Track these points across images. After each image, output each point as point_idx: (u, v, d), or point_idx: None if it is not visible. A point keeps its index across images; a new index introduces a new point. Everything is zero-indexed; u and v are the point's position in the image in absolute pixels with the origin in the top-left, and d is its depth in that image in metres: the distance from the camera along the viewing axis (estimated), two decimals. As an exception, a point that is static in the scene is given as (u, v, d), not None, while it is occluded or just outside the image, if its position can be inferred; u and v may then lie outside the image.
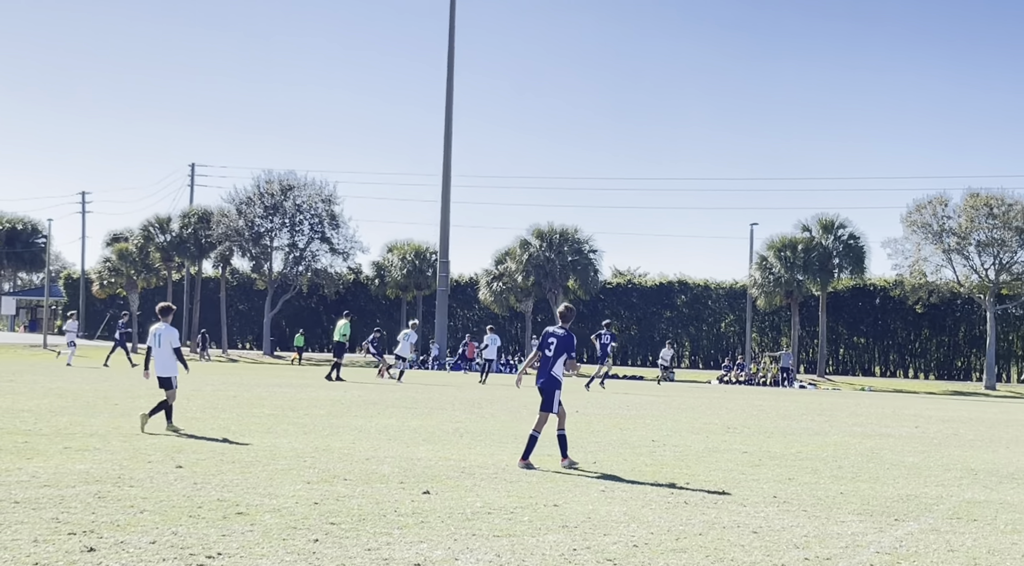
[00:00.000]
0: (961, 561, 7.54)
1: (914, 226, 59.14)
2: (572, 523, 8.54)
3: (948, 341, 68.64)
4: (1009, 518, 9.52)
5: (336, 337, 34.93)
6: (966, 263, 58.67)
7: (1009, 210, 56.74)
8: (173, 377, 14.95)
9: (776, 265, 62.28)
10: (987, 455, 15.69)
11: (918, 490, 11.28)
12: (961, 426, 22.52)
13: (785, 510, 9.57)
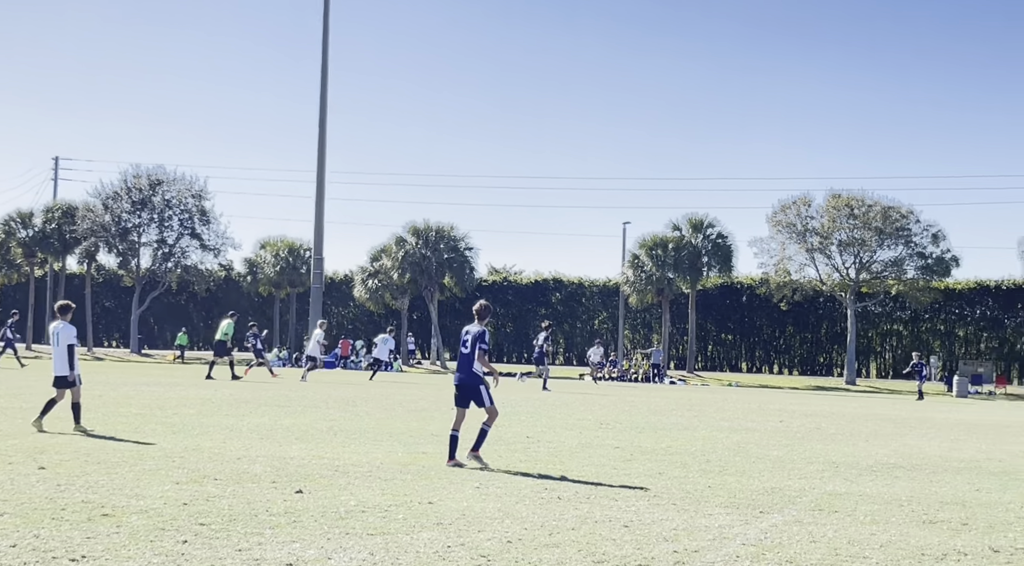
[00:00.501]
0: (822, 551, 7.79)
1: (779, 226, 60.81)
2: (447, 520, 8.56)
3: (811, 338, 70.75)
4: (868, 509, 9.87)
5: (218, 336, 34.38)
6: (828, 262, 60.58)
7: (869, 211, 58.79)
8: (68, 375, 14.51)
9: (648, 263, 63.33)
10: (847, 448, 16.23)
11: (782, 483, 11.61)
12: (823, 420, 23.25)
13: (655, 504, 9.75)
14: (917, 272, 60.15)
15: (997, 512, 9.92)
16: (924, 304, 62.58)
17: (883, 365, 70.44)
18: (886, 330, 70.48)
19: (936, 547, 8.06)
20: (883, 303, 67.13)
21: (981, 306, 68.54)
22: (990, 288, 68.01)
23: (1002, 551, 7.99)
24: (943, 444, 17.73)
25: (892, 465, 13.86)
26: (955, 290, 67.68)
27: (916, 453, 15.78)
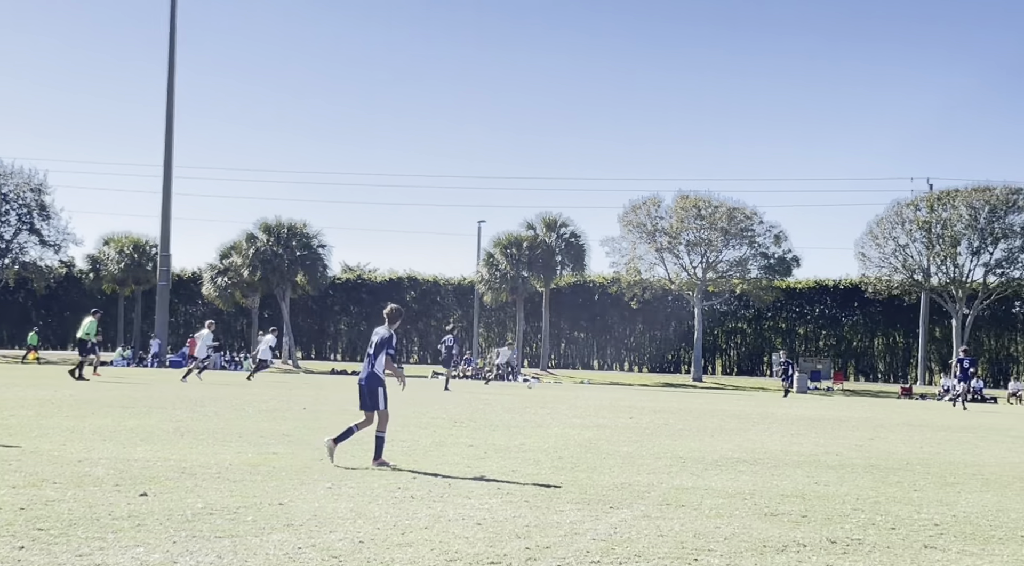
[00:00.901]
0: (670, 545, 7.96)
1: (630, 226, 61.97)
2: (297, 521, 8.43)
3: (660, 335, 72.31)
4: (713, 503, 10.12)
5: (80, 334, 33.23)
6: (677, 261, 62.04)
7: (715, 212, 60.39)
8: None
9: (503, 262, 63.71)
10: (694, 444, 16.62)
11: (632, 478, 11.81)
12: (671, 417, 23.77)
13: (508, 501, 9.80)
14: (760, 272, 62.08)
15: (834, 504, 10.30)
16: (767, 303, 64.64)
17: (728, 362, 72.48)
18: (731, 328, 72.56)
19: (777, 539, 8.32)
20: (728, 302, 69.09)
21: (820, 305, 71.22)
22: (829, 288, 70.71)
23: (839, 542, 8.29)
24: (784, 439, 18.32)
25: (736, 460, 14.25)
26: (796, 289, 70.14)
27: (758, 448, 16.26)
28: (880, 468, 13.81)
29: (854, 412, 30.23)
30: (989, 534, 8.88)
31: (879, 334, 69.85)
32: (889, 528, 9.01)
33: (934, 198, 59.31)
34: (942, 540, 8.52)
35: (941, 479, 12.80)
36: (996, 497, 11.28)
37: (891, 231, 59.80)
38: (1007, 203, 57.22)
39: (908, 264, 59.51)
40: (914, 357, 66.63)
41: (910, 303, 64.32)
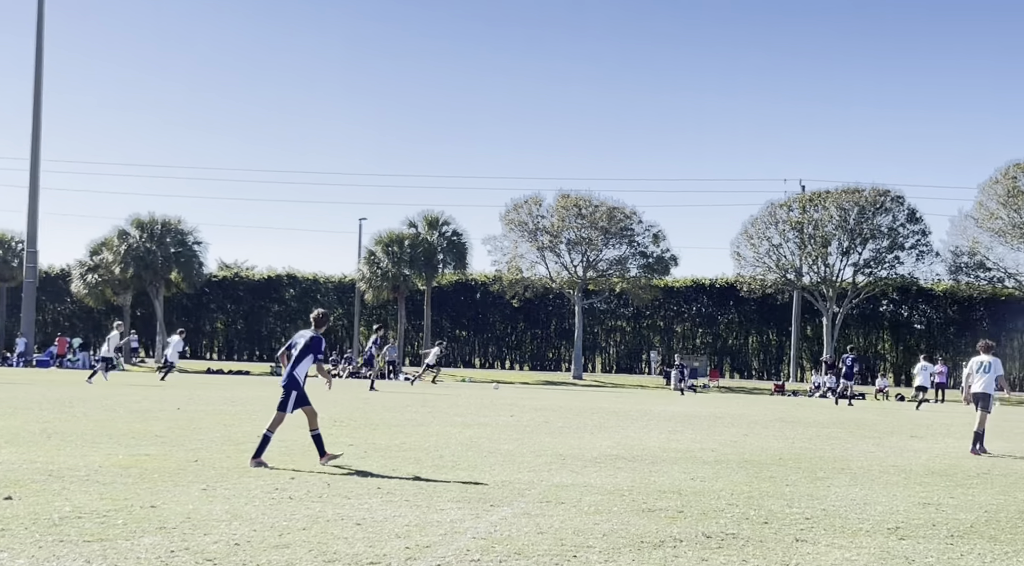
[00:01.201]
0: (549, 542, 8.00)
1: (512, 224, 62.20)
2: (170, 524, 8.23)
3: (541, 333, 72.78)
4: (592, 500, 10.22)
5: None
6: (558, 260, 62.47)
7: (596, 211, 61.01)
8: None
9: (384, 260, 63.34)
10: (574, 441, 16.76)
11: (512, 476, 11.85)
12: (551, 414, 23.93)
13: (388, 501, 9.73)
14: (639, 270, 62.92)
15: (710, 500, 10.49)
16: (646, 301, 65.53)
17: (608, 360, 73.33)
18: (611, 326, 73.40)
19: (654, 534, 8.44)
20: (608, 300, 69.91)
21: (697, 303, 72.52)
22: (705, 286, 72.06)
23: (714, 537, 8.45)
24: (661, 435, 18.60)
25: (615, 457, 14.41)
26: (674, 288, 71.29)
27: (637, 444, 16.48)
28: (754, 464, 14.12)
29: (729, 409, 30.87)
30: (857, 527, 9.14)
31: (753, 332, 71.47)
32: (762, 522, 9.22)
33: (806, 199, 60.90)
34: (812, 533, 8.75)
35: (812, 474, 13.15)
36: (863, 491, 11.62)
37: (765, 231, 61.21)
38: (875, 204, 59.09)
39: (781, 263, 61.00)
40: (787, 355, 68.35)
41: (783, 302, 65.96)
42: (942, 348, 65.20)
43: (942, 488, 12.10)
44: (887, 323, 69.75)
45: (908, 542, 8.49)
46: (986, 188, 57.60)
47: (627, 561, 7.43)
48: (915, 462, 15.21)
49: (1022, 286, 58.31)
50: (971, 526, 9.39)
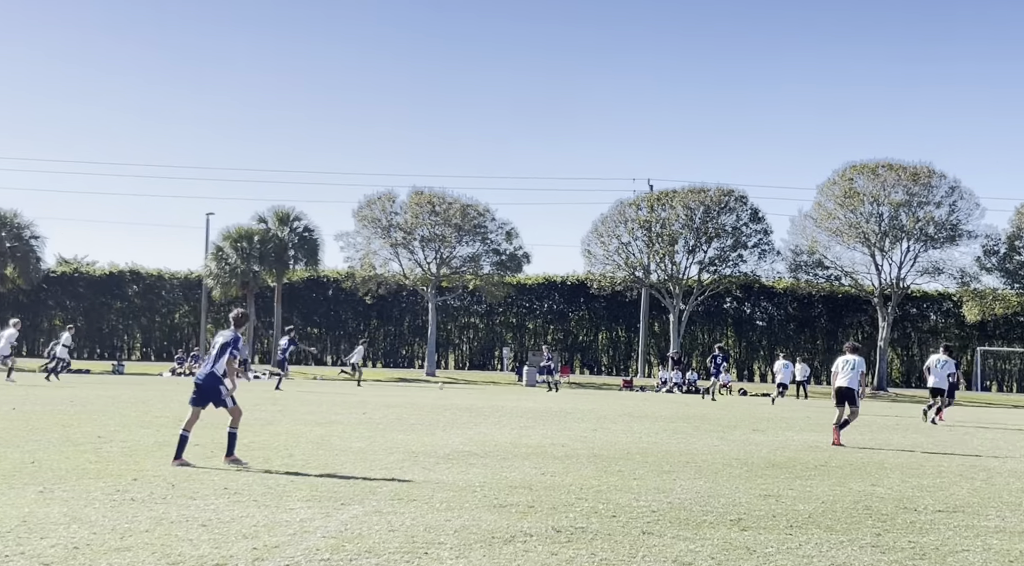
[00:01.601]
0: (400, 540, 7.97)
1: (365, 221, 61.78)
2: (5, 528, 7.91)
3: (395, 331, 72.50)
4: (444, 496, 10.22)
5: None
6: (411, 257, 62.30)
7: (449, 208, 61.07)
8: None
9: (232, 255, 62.09)
10: (426, 438, 16.75)
11: (364, 474, 11.77)
12: (404, 411, 23.85)
13: (236, 501, 9.55)
14: (492, 268, 63.25)
15: (560, 494, 10.62)
16: (498, 298, 65.93)
17: (461, 356, 73.54)
18: (464, 323, 73.62)
19: (505, 530, 8.49)
20: (461, 297, 70.09)
21: (549, 300, 73.34)
22: (557, 283, 72.93)
23: (563, 531, 8.55)
24: (513, 431, 18.73)
25: (467, 453, 14.45)
26: (526, 285, 71.92)
27: (489, 440, 16.56)
28: (603, 458, 14.35)
29: (579, 404, 31.29)
30: (701, 519, 9.38)
31: (603, 328, 72.62)
32: (610, 516, 9.37)
33: (654, 198, 62.17)
34: (659, 526, 8.94)
35: (658, 468, 13.43)
36: (708, 483, 11.94)
37: (614, 229, 62.27)
38: (720, 204, 60.74)
39: (630, 261, 62.14)
40: (635, 351, 69.67)
41: (632, 299, 67.21)
42: (783, 344, 67.45)
43: (782, 480, 12.52)
44: (730, 320, 71.78)
45: (749, 533, 8.75)
46: (824, 189, 59.83)
47: (478, 557, 7.46)
48: (757, 455, 15.69)
49: (858, 284, 60.73)
50: (809, 516, 9.74)
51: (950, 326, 68.79)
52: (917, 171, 57.45)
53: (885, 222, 57.59)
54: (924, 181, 57.21)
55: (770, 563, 7.57)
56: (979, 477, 13.57)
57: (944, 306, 68.97)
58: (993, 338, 68.37)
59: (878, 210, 57.72)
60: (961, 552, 8.16)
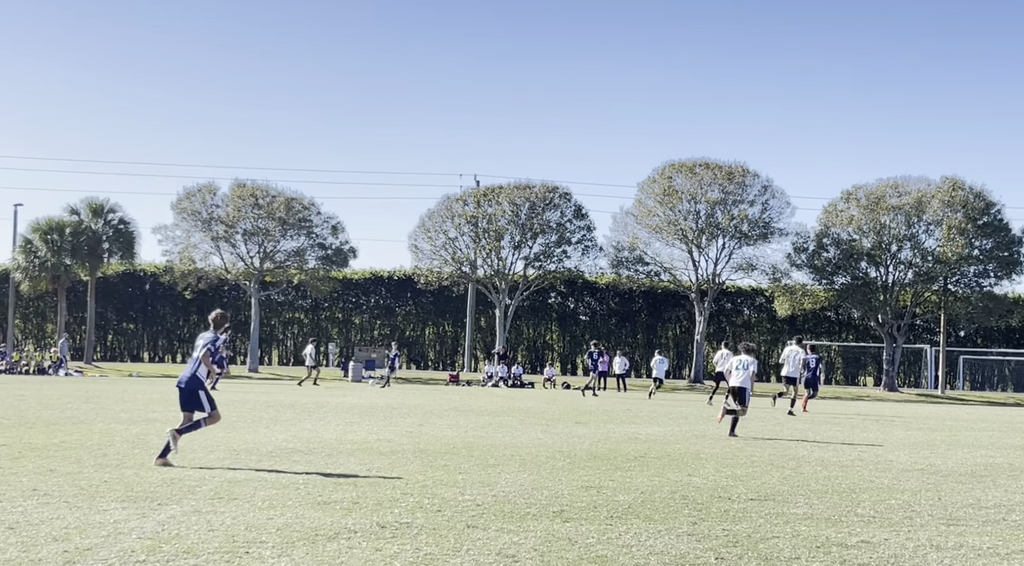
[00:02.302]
0: (220, 539, 7.80)
1: (184, 213, 60.14)
2: None
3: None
4: (266, 494, 10.05)
5: None
6: (233, 251, 61.00)
7: (273, 201, 60.04)
8: None
9: (42, 248, 59.54)
10: (248, 435, 16.44)
11: (182, 473, 11.47)
12: (226, 408, 23.18)
13: (45, 503, 9.17)
14: (318, 262, 62.52)
15: (385, 490, 10.58)
16: (324, 293, 65.23)
17: (285, 352, 72.43)
18: (288, 318, 72.54)
19: (329, 527, 8.41)
20: (286, 292, 69.00)
21: (376, 295, 72.99)
22: (384, 278, 72.63)
23: (388, 526, 8.52)
24: (338, 427, 18.57)
25: (291, 450, 14.25)
26: (352, 280, 71.38)
27: (313, 437, 16.37)
28: (429, 453, 14.37)
29: (406, 400, 31.24)
30: (525, 511, 9.50)
31: (430, 323, 72.69)
32: (435, 510, 9.39)
33: (480, 194, 62.57)
34: (483, 519, 9.01)
35: (484, 461, 13.53)
36: (532, 476, 12.09)
37: (441, 224, 62.40)
38: (545, 200, 61.58)
39: (457, 256, 62.38)
40: (461, 345, 69.99)
41: (459, 294, 67.50)
42: (604, 338, 68.85)
43: (603, 472, 12.78)
44: (555, 314, 72.87)
45: (571, 524, 8.91)
46: (645, 187, 61.40)
47: (301, 555, 7.37)
48: (579, 448, 15.98)
49: (676, 279, 62.53)
50: (629, 507, 9.98)
51: (763, 320, 71.61)
52: (732, 170, 59.55)
53: (702, 219, 59.46)
54: (739, 180, 59.34)
55: (591, 553, 7.72)
56: (789, 466, 14.16)
57: (757, 301, 71.72)
58: (802, 332, 71.40)
59: (695, 208, 59.56)
60: (771, 539, 8.50)
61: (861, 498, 11.08)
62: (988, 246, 58.09)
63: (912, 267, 58.72)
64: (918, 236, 58.49)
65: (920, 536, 8.81)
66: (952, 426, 26.30)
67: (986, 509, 10.58)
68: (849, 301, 60.66)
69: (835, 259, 59.96)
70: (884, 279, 59.56)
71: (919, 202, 57.79)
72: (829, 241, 60.37)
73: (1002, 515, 10.20)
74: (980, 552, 8.20)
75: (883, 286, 59.38)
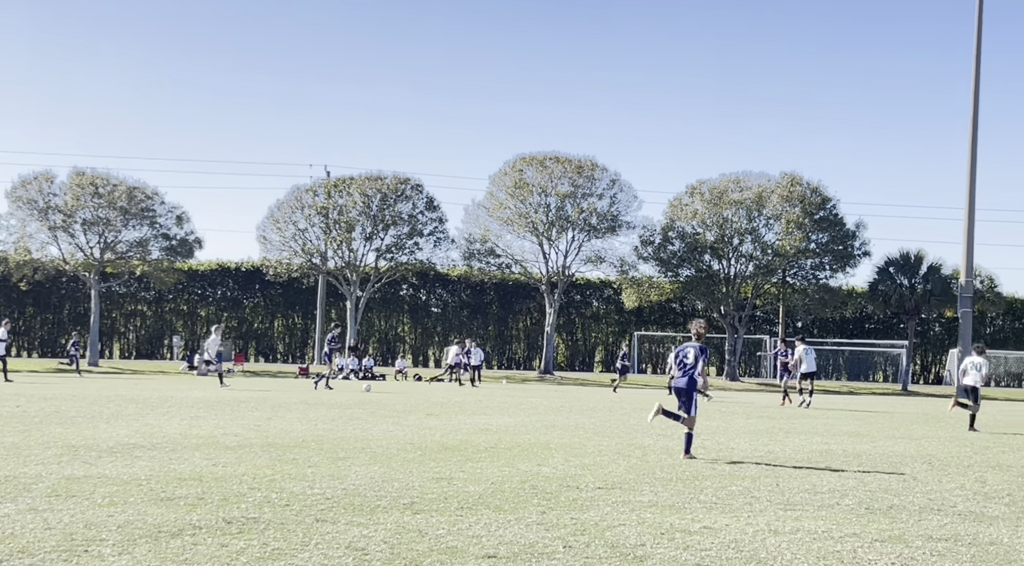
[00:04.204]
0: (58, 538, 7.54)
1: (19, 202, 57.86)
2: None
3: (53, 319, 68.38)
4: (107, 491, 9.75)
5: None
6: (72, 241, 58.96)
7: (114, 190, 58.26)
8: None
9: None
10: (88, 431, 15.91)
11: (17, 470, 11.03)
12: (63, 403, 22.52)
13: None
14: (162, 253, 60.97)
15: (231, 485, 10.39)
16: (168, 285, 63.66)
17: (127, 345, 70.38)
18: (131, 310, 70.53)
19: (173, 523, 8.22)
20: (128, 283, 67.06)
21: (223, 287, 71.56)
22: (231, 270, 71.30)
23: (234, 522, 8.38)
24: (183, 422, 18.14)
25: (133, 445, 13.86)
26: (198, 271, 69.84)
27: (157, 432, 15.96)
28: (277, 447, 14.17)
29: (254, 393, 30.73)
30: (375, 504, 9.46)
31: (279, 315, 71.64)
32: (283, 505, 9.27)
33: (331, 185, 61.96)
34: (332, 513, 8.93)
35: (333, 454, 13.41)
36: (382, 469, 12.05)
37: (291, 215, 61.56)
38: (396, 192, 61.36)
39: (307, 248, 61.63)
40: (311, 338, 69.19)
41: (309, 285, 66.71)
42: (456, 330, 69.03)
43: (454, 463, 12.82)
44: (407, 306, 72.73)
45: (422, 516, 8.91)
46: (496, 179, 61.78)
47: (143, 552, 7.18)
48: (430, 439, 15.99)
49: (527, 272, 63.13)
50: (479, 497, 10.04)
51: (611, 312, 72.92)
52: (582, 164, 60.42)
53: (552, 212, 60.17)
54: (588, 174, 60.25)
55: (441, 544, 7.74)
56: (635, 455, 14.46)
57: (605, 293, 72.98)
58: (649, 323, 73.03)
59: (546, 201, 60.22)
60: (618, 526, 8.67)
61: (704, 485, 11.40)
62: (824, 240, 60.40)
63: (753, 260, 60.61)
64: (758, 230, 60.41)
65: (759, 521, 9.12)
66: (789, 414, 27.28)
67: (821, 494, 11.01)
68: (693, 293, 62.26)
69: (680, 252, 61.44)
70: (726, 272, 61.32)
71: (759, 197, 59.68)
72: (674, 234, 61.83)
73: (836, 500, 10.63)
74: (815, 535, 8.52)
75: (725, 278, 61.13)
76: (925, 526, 9.12)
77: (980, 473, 13.50)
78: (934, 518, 9.58)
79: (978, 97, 50.99)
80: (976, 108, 50.88)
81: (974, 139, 51.00)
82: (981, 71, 51.12)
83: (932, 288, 61.02)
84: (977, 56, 50.99)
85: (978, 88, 50.96)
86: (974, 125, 50.93)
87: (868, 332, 73.23)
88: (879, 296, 62.90)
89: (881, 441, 18.47)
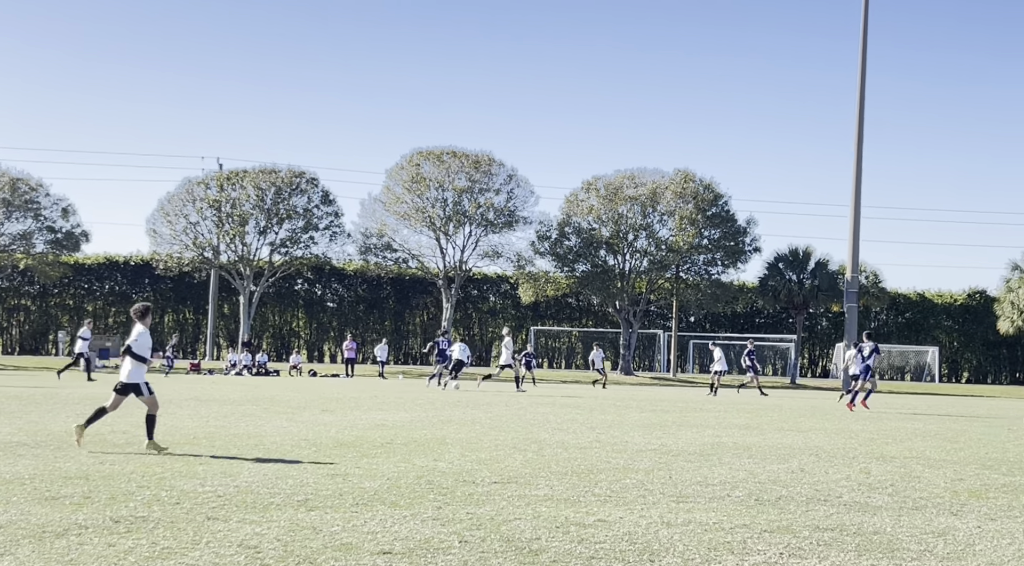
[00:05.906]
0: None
1: None
2: None
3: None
4: (-12, 491, 9.46)
5: None
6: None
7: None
8: None
9: None
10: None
11: None
12: (-58, 401, 21.80)
13: None
14: (47, 246, 59.36)
15: (120, 483, 10.16)
16: (54, 279, 62.00)
17: (9, 342, 68.38)
18: (14, 305, 68.52)
19: (58, 523, 8.00)
20: (11, 277, 65.13)
21: (111, 281, 69.93)
22: (119, 264, 69.68)
23: (122, 521, 8.19)
24: (69, 419, 17.67)
25: (16, 443, 13.48)
26: (85, 265, 68.13)
27: (41, 430, 15.54)
28: (167, 444, 13.90)
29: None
30: (268, 501, 9.34)
31: (170, 310, 70.27)
32: (174, 503, 9.10)
33: (224, 177, 60.94)
34: (224, 510, 8.79)
35: (226, 451, 13.21)
36: (276, 465, 11.90)
37: (182, 208, 60.40)
38: (291, 185, 60.64)
39: (199, 241, 60.54)
40: (204, 333, 68.00)
41: (201, 280, 65.54)
42: (352, 325, 68.53)
43: (350, 459, 12.73)
44: (302, 301, 71.94)
45: (316, 512, 8.83)
46: (393, 173, 61.48)
47: (26, 553, 6.97)
48: (325, 435, 15.85)
49: (424, 266, 62.95)
50: (375, 493, 9.98)
51: (508, 307, 73.13)
52: (479, 159, 60.46)
53: (449, 207, 60.11)
54: (485, 169, 60.33)
55: (335, 541, 7.67)
56: (531, 449, 14.53)
57: (502, 288, 73.18)
58: (545, 318, 73.46)
59: (443, 195, 60.13)
60: (514, 520, 8.70)
61: (598, 478, 11.51)
62: (716, 236, 61.44)
63: (647, 255, 61.36)
64: (653, 226, 61.17)
65: (652, 514, 9.24)
66: (682, 408, 27.70)
67: (712, 486, 11.20)
68: (589, 288, 62.78)
69: (576, 247, 61.89)
70: (621, 267, 61.98)
71: (654, 193, 60.42)
72: (571, 230, 62.26)
73: (727, 491, 10.82)
74: (707, 527, 8.67)
75: (620, 274, 61.78)
76: (812, 516, 9.34)
77: (865, 464, 13.88)
78: (821, 508, 9.82)
79: (863, 99, 52.44)
80: (862, 109, 52.32)
81: (860, 140, 52.43)
82: (867, 76, 52.61)
83: (820, 283, 62.54)
84: (863, 61, 52.41)
85: (863, 90, 52.41)
86: (860, 126, 52.34)
87: (759, 327, 74.73)
88: (769, 291, 64.24)
89: (770, 434, 18.87)
